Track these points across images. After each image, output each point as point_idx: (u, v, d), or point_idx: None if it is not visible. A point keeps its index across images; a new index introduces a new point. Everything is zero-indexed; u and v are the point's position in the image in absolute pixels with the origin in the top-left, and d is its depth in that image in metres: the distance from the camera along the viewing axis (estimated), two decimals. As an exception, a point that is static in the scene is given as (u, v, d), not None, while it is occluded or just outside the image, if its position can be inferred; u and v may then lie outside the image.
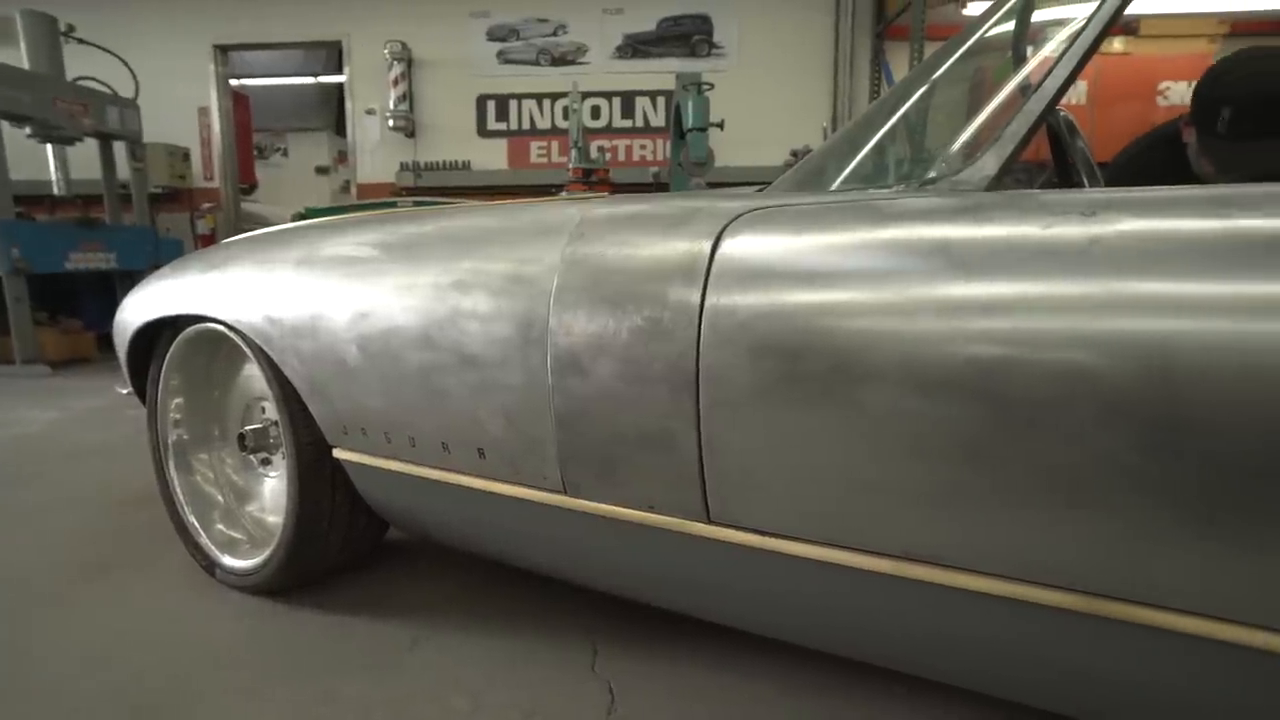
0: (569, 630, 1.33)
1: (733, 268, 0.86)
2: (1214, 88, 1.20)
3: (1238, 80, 1.18)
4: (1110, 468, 0.68)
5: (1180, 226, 0.69)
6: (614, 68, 6.72)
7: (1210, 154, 1.23)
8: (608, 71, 6.71)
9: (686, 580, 1.05)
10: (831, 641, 1.02)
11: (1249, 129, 1.14)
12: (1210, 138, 1.21)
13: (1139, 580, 0.72)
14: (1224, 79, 1.20)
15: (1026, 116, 0.82)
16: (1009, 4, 1.09)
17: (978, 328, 0.71)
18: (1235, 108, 1.15)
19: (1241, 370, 0.62)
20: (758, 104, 6.34)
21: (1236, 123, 1.15)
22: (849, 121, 1.23)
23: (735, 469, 0.87)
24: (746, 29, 6.58)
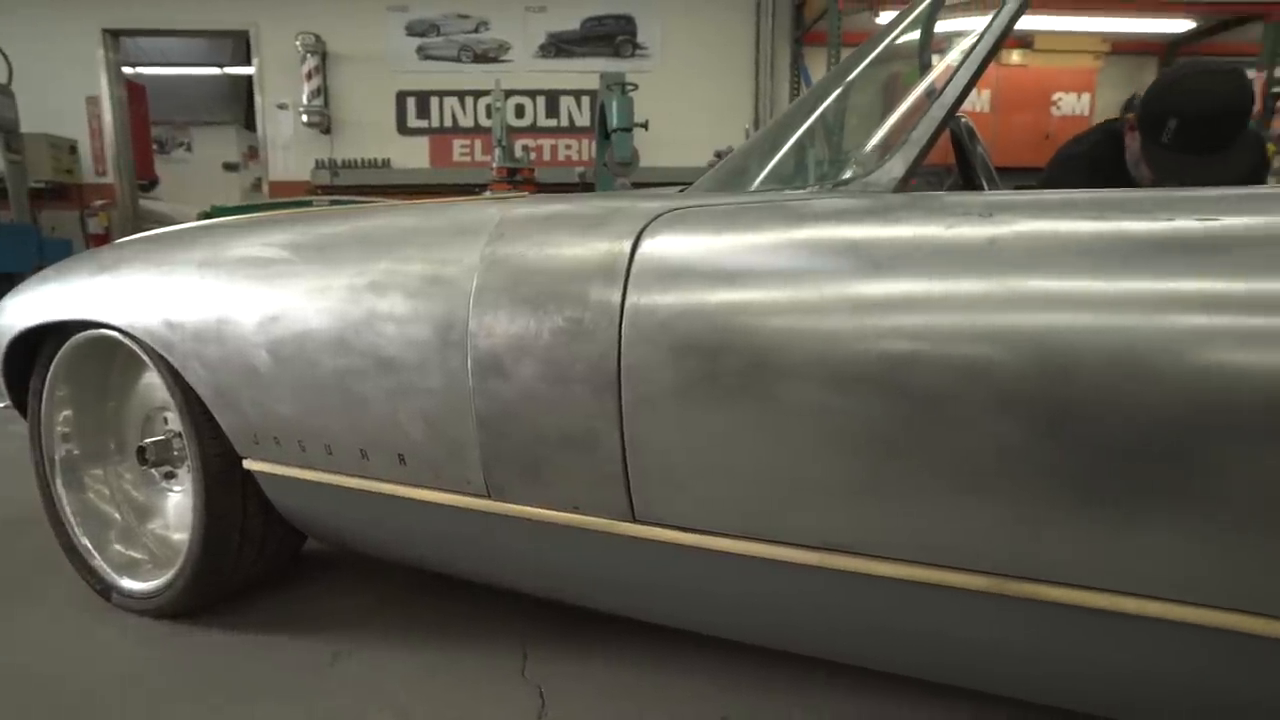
0: (498, 636, 1.31)
1: (652, 267, 0.87)
2: (1164, 99, 1.26)
3: (1186, 95, 1.24)
4: (1008, 454, 0.72)
5: (1068, 228, 0.74)
6: (538, 66, 6.67)
7: (1152, 161, 1.29)
8: (531, 70, 6.65)
9: (615, 580, 1.05)
10: (761, 634, 1.04)
11: (1192, 142, 1.21)
12: (1154, 146, 1.26)
13: (1040, 559, 0.77)
14: (1174, 91, 1.26)
15: (930, 122, 0.86)
16: (913, 15, 1.14)
17: (887, 324, 0.74)
18: (1181, 120, 1.21)
19: (1123, 361, 0.67)
20: (682, 105, 6.42)
21: (1181, 134, 1.21)
22: (766, 124, 1.26)
23: (658, 467, 0.88)
24: (670, 30, 6.65)
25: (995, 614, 0.82)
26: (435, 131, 6.75)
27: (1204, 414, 0.66)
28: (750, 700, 1.12)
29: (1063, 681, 0.88)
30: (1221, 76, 1.23)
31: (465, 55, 6.65)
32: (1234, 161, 1.21)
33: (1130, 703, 0.88)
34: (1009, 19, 0.88)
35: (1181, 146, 1.21)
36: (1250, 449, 0.66)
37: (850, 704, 1.11)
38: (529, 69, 6.66)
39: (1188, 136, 1.20)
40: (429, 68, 6.65)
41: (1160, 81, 1.29)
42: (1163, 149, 1.23)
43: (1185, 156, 1.21)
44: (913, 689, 1.12)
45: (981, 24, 0.91)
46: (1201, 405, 0.66)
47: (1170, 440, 0.67)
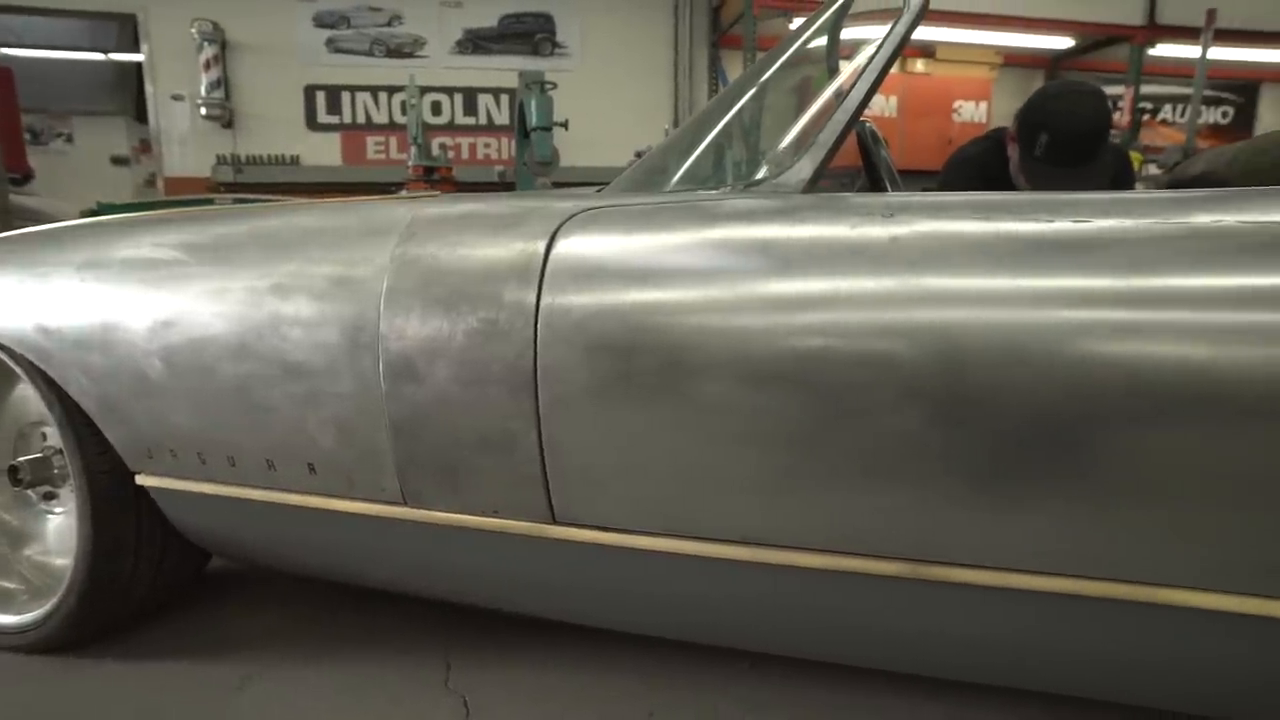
0: (419, 647, 1.27)
1: (567, 267, 0.86)
2: (1036, 117, 1.35)
3: (1055, 114, 1.34)
4: (912, 444, 0.76)
5: (961, 228, 0.79)
6: (454, 63, 6.52)
7: (1026, 172, 1.39)
8: (448, 67, 6.50)
9: (537, 583, 1.04)
10: (685, 630, 1.06)
11: (1061, 157, 1.32)
12: (1029, 159, 1.37)
13: (946, 542, 0.81)
14: (1045, 109, 1.36)
15: (835, 126, 0.90)
16: (819, 22, 1.18)
17: (796, 321, 0.77)
18: (1052, 137, 1.32)
19: (1014, 353, 0.72)
20: (602, 104, 6.43)
21: (1051, 149, 1.32)
22: (680, 125, 1.28)
23: (577, 468, 0.88)
24: (589, 30, 6.65)
25: (910, 597, 0.86)
26: (347, 128, 6.50)
27: (1081, 400, 0.72)
28: (676, 695, 1.14)
29: (974, 657, 0.93)
30: (1085, 98, 1.34)
31: (378, 49, 6.43)
32: (1098, 173, 1.33)
33: (1031, 672, 0.94)
34: (906, 29, 0.92)
35: (1052, 160, 1.32)
36: (1121, 431, 0.72)
37: (776, 692, 1.14)
38: (445, 65, 6.50)
39: (1057, 151, 1.31)
40: (339, 61, 6.39)
41: (1033, 100, 1.39)
42: (1036, 161, 1.34)
43: (1055, 169, 1.32)
44: (835, 673, 1.16)
45: (883, 33, 0.95)
46: (1078, 392, 0.71)
47: (1053, 426, 0.73)
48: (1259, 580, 0.75)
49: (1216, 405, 0.69)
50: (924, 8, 0.92)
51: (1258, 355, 0.68)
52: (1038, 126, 1.33)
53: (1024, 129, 1.37)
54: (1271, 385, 0.68)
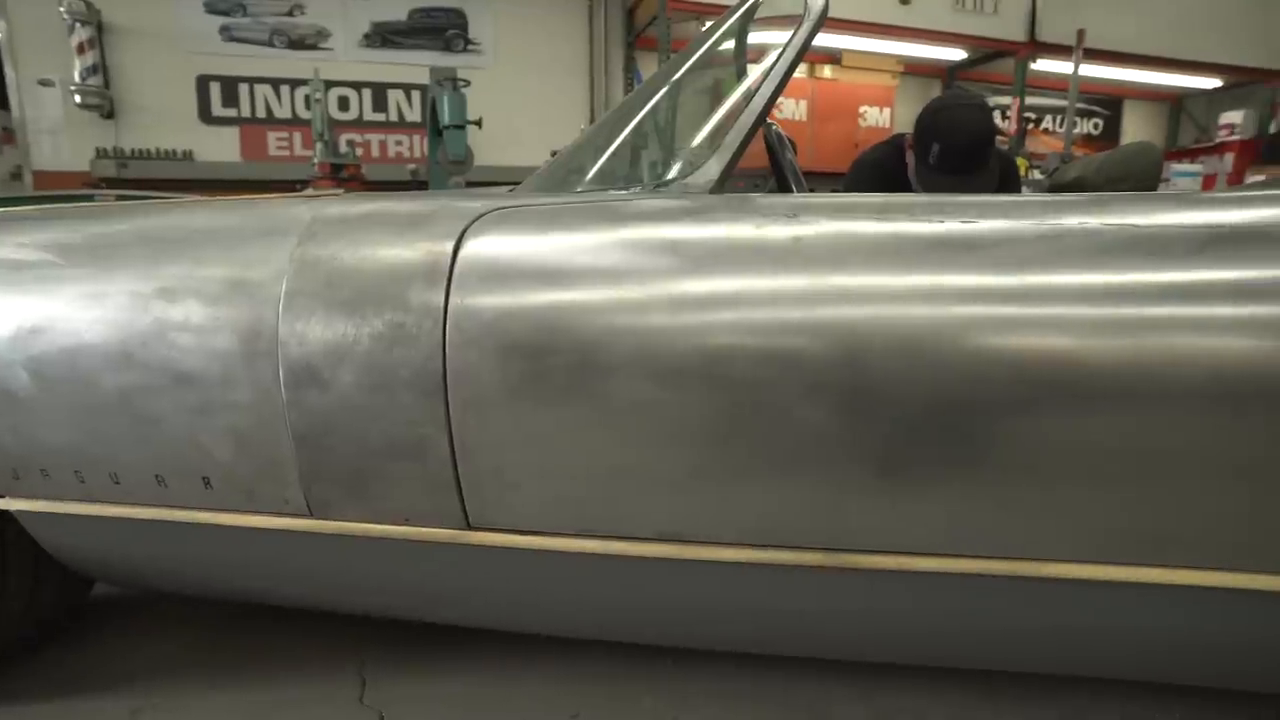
0: (331, 664, 1.22)
1: (476, 268, 0.85)
2: (929, 127, 1.44)
3: (946, 125, 1.44)
4: (820, 437, 0.79)
5: (860, 228, 0.82)
6: (362, 57, 6.29)
7: (921, 178, 1.49)
8: (355, 60, 6.26)
9: (454, 590, 1.01)
10: (607, 630, 1.06)
11: (950, 165, 1.42)
12: (922, 166, 1.47)
13: (856, 531, 0.84)
14: (938, 120, 1.45)
15: (741, 128, 0.92)
16: (726, 26, 1.20)
17: (705, 319, 0.78)
18: (942, 147, 1.42)
19: (911, 347, 0.76)
20: (517, 103, 6.35)
21: (942, 158, 1.42)
22: (591, 125, 1.28)
23: (491, 471, 0.86)
24: (503, 28, 6.55)
25: (829, 585, 0.89)
26: (247, 121, 6.15)
27: (973, 390, 0.76)
28: (600, 696, 1.14)
29: (890, 639, 0.98)
30: (971, 111, 1.45)
31: (279, 40, 6.13)
32: (986, 179, 1.45)
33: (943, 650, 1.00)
34: (807, 35, 0.96)
35: (943, 168, 1.42)
36: (1009, 418, 0.77)
37: (700, 687, 1.16)
38: (352, 59, 6.26)
39: (947, 160, 1.41)
40: (235, 51, 6.04)
41: (925, 112, 1.48)
42: (930, 169, 1.44)
43: (947, 176, 1.43)
44: (758, 664, 1.19)
45: (784, 38, 0.98)
46: (970, 383, 0.76)
47: (949, 415, 0.77)
48: (1136, 550, 0.82)
49: (1090, 391, 0.75)
50: (823, 14, 0.95)
51: (1121, 345, 0.74)
52: (930, 137, 1.44)
53: (918, 139, 1.48)
54: (1134, 372, 0.74)
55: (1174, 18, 7.40)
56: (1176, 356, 0.73)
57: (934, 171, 1.44)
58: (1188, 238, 0.77)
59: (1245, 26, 7.68)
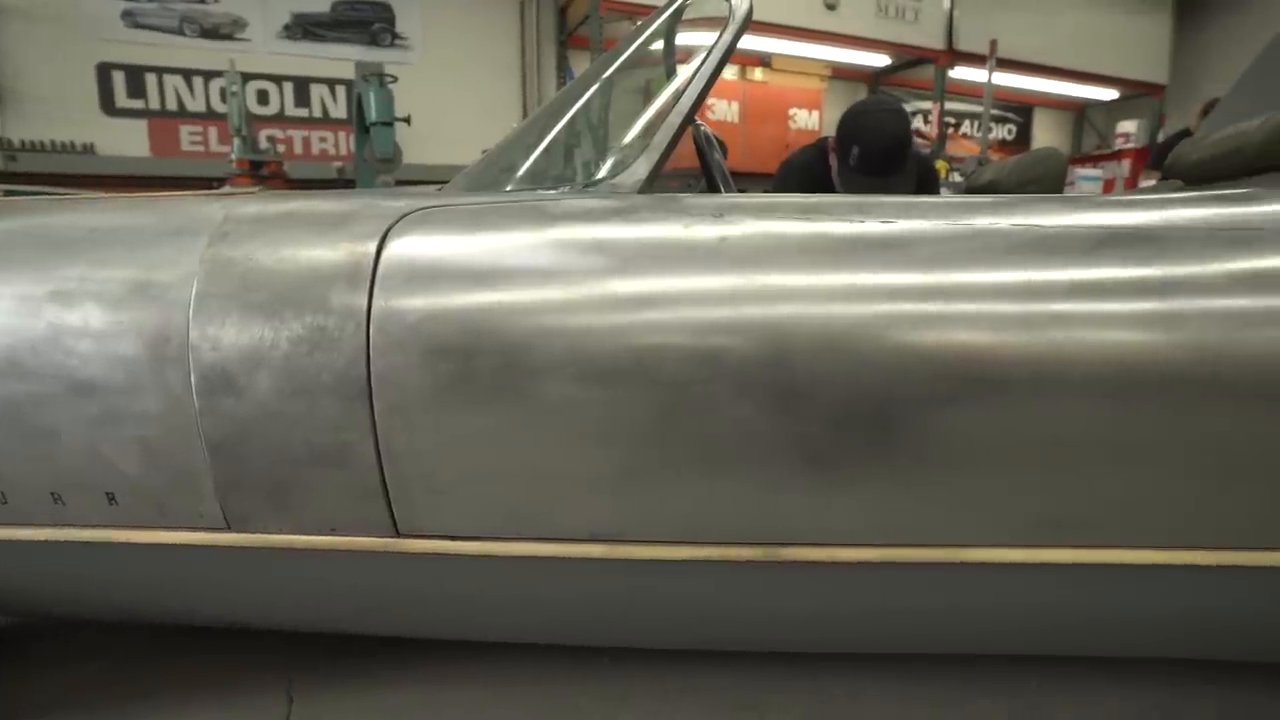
0: (256, 684, 1.16)
1: (400, 269, 0.83)
2: (850, 131, 1.52)
3: (865, 129, 1.51)
4: (750, 433, 0.80)
5: (785, 228, 0.84)
6: (282, 49, 6.02)
7: (843, 180, 1.57)
8: (274, 53, 5.99)
9: (384, 601, 0.99)
10: (543, 633, 1.05)
11: (870, 167, 1.50)
12: (844, 167, 1.55)
13: (793, 524, 0.86)
14: (857, 124, 1.51)
15: (669, 128, 0.93)
16: (654, 26, 1.21)
17: (634, 319, 0.79)
18: (862, 150, 1.49)
19: (835, 343, 0.78)
20: (447, 101, 6.22)
21: (862, 160, 1.50)
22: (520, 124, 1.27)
23: (419, 476, 0.84)
24: (431, 23, 6.39)
25: (766, 579, 0.91)
26: (156, 114, 5.80)
27: (894, 385, 0.79)
28: (535, 699, 1.13)
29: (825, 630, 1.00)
30: (888, 116, 1.53)
31: (190, 28, 5.79)
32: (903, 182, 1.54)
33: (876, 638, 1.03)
34: (733, 36, 0.97)
35: (863, 170, 1.51)
36: (928, 411, 0.80)
37: (637, 683, 1.16)
38: (271, 51, 5.98)
39: (867, 162, 1.50)
40: (142, 38, 5.68)
41: (846, 117, 1.56)
42: (850, 170, 1.53)
43: (867, 178, 1.51)
44: (694, 658, 1.20)
45: (710, 40, 0.99)
46: (892, 377, 0.79)
47: (872, 409, 0.80)
48: (1049, 533, 0.87)
49: (1001, 383, 0.79)
50: (748, 17, 0.97)
51: (1027, 339, 0.78)
52: (850, 141, 1.52)
53: (840, 143, 1.56)
54: (1038, 364, 0.78)
55: (1077, 33, 7.87)
56: (1076, 349, 0.78)
57: (854, 173, 1.52)
58: (1084, 237, 0.82)
59: (1137, 43, 8.24)
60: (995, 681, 1.16)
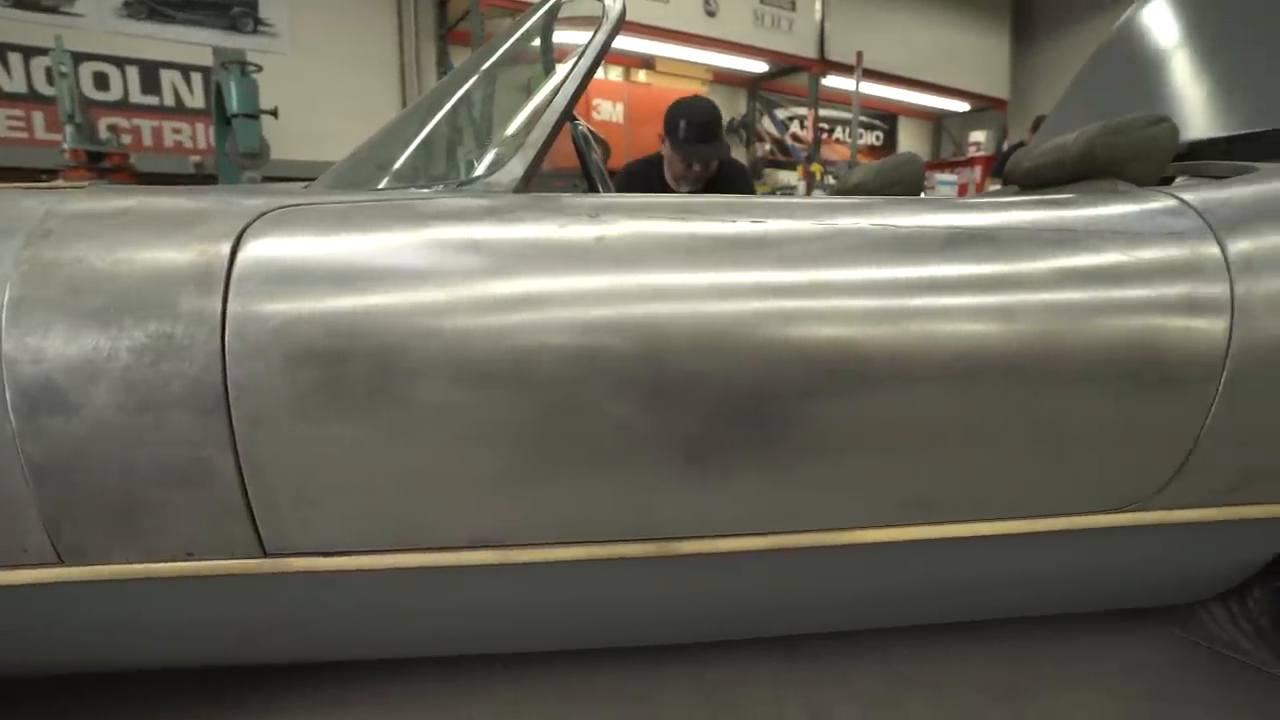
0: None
1: (259, 271, 0.77)
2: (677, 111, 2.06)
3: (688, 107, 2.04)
4: (630, 431, 0.81)
5: (660, 228, 0.86)
6: (122, 28, 5.46)
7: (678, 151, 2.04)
8: (114, 32, 5.42)
9: (254, 626, 0.92)
10: (426, 645, 1.01)
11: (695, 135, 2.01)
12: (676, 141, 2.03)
13: (679, 518, 0.88)
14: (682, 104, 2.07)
15: (544, 127, 0.92)
16: (529, 24, 1.20)
17: (511, 320, 0.77)
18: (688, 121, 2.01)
19: (710, 340, 0.80)
20: (320, 95, 5.88)
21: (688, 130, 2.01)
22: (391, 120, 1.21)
23: (287, 490, 0.79)
24: (300, 11, 6.02)
25: (649, 574, 0.92)
26: (-38, 94, 5.10)
27: (767, 378, 0.82)
28: (425, 713, 1.09)
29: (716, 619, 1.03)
30: (704, 100, 2.11)
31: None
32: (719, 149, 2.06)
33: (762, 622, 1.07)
34: (607, 36, 0.98)
35: (689, 139, 2.01)
36: (799, 402, 0.84)
37: (531, 687, 1.14)
38: (110, 30, 5.40)
39: (693, 131, 2.00)
40: (-56, 7, 4.99)
41: (673, 105, 2.09)
42: (682, 142, 2.02)
43: (695, 145, 2.01)
44: (587, 657, 1.20)
45: (585, 39, 0.99)
46: (764, 371, 0.82)
47: (747, 402, 0.83)
48: (915, 510, 0.93)
49: (865, 374, 0.84)
50: (621, 18, 0.98)
51: (886, 332, 0.84)
52: (678, 117, 2.03)
53: (670, 122, 2.05)
54: (896, 356, 0.84)
55: (933, 49, 8.54)
56: (928, 341, 0.84)
57: (685, 142, 2.01)
58: (934, 237, 0.89)
59: (983, 61, 9.06)
60: (870, 653, 1.23)
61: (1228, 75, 1.61)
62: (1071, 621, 1.32)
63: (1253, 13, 1.63)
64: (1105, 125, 1.15)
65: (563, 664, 1.20)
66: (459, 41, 6.51)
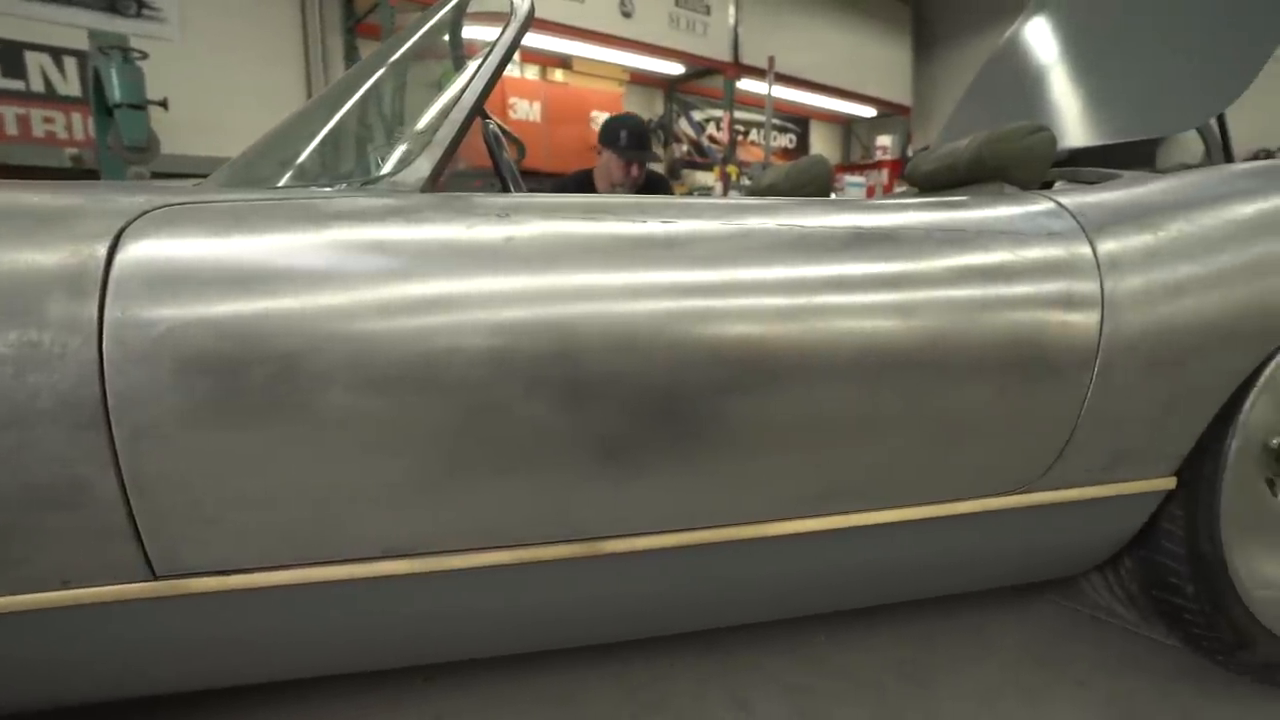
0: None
1: (142, 273, 0.72)
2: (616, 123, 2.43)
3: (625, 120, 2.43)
4: (545, 433, 0.80)
5: (571, 228, 0.85)
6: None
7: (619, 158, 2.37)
8: (-37, 8, 4.91)
9: (141, 655, 0.85)
10: (340, 662, 0.97)
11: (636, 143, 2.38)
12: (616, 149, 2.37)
13: (599, 518, 0.87)
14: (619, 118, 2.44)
15: (451, 125, 0.90)
16: (436, 18, 1.17)
17: (419, 323, 0.75)
18: (628, 131, 2.38)
19: (623, 340, 0.81)
20: (217, 87, 5.53)
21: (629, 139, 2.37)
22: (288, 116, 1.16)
23: (179, 507, 0.74)
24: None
25: (569, 576, 0.91)
26: None
27: (679, 377, 0.83)
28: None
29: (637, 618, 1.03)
30: (635, 116, 2.54)
31: None
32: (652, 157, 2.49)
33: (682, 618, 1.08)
34: (515, 34, 0.97)
35: (630, 145, 2.37)
36: (711, 400, 0.85)
37: (452, 700, 1.12)
38: (-41, 6, 4.90)
39: (632, 139, 2.37)
40: None
41: (607, 121, 2.45)
42: (622, 150, 2.37)
43: (635, 152, 2.37)
44: (510, 663, 1.18)
45: (493, 35, 0.98)
46: (677, 370, 0.83)
47: (661, 401, 0.83)
48: (815, 504, 0.97)
49: (775, 371, 0.87)
50: (529, 15, 0.97)
51: (794, 329, 0.87)
52: (618, 129, 2.38)
53: (609, 136, 2.40)
54: (805, 352, 0.87)
55: (842, 55, 8.87)
56: (833, 337, 0.88)
57: (627, 150, 2.37)
58: (837, 236, 0.93)
59: (888, 69, 9.48)
60: (785, 640, 1.27)
61: (1102, 89, 1.75)
62: (970, 600, 1.40)
63: (1121, 32, 1.78)
64: (992, 133, 1.23)
65: (484, 671, 1.18)
66: (368, 35, 6.27)
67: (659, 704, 1.11)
